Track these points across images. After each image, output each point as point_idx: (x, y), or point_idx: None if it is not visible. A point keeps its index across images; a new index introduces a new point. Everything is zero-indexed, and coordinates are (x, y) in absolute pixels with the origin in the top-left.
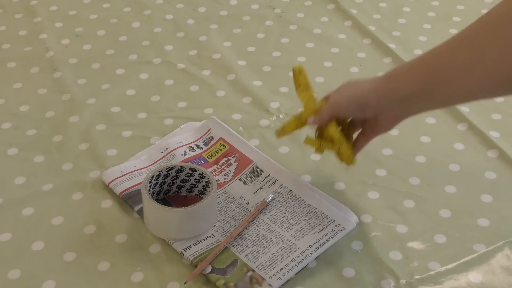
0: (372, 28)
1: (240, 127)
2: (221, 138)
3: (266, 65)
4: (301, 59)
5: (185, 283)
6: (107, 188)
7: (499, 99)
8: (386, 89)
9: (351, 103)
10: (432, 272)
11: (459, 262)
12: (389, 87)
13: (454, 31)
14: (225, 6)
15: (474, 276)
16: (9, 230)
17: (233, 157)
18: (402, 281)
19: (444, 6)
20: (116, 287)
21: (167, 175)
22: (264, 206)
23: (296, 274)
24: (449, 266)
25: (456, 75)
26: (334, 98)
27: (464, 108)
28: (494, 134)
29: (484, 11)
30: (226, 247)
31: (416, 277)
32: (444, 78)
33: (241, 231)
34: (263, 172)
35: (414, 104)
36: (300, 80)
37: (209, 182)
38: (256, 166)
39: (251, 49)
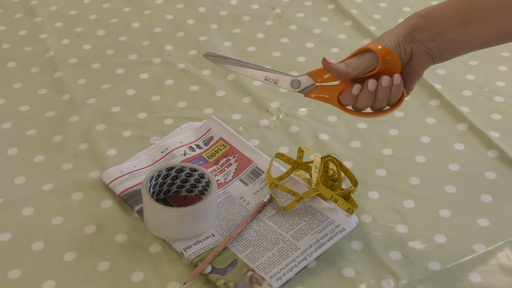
0: (372, 28)
1: (240, 127)
2: (221, 138)
3: (266, 65)
4: (301, 59)
5: (184, 283)
6: (107, 188)
7: (499, 99)
8: (423, 23)
9: (391, 40)
10: (432, 272)
11: (459, 262)
12: (426, 21)
13: None
14: (225, 6)
15: (474, 276)
16: (9, 230)
17: (233, 157)
18: (402, 281)
19: None
20: (116, 287)
21: (167, 175)
22: (262, 207)
23: (296, 274)
24: (449, 266)
25: (499, 12)
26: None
27: (464, 108)
28: (494, 134)
29: None
30: (226, 247)
31: (416, 277)
32: (487, 14)
33: (240, 232)
34: (263, 172)
35: (450, 42)
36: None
37: (209, 182)
38: (256, 167)
39: (251, 49)
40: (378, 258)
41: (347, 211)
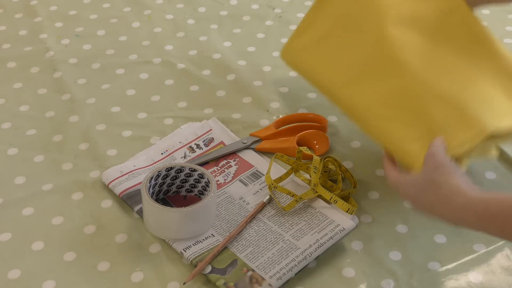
0: None
1: (240, 127)
2: (221, 142)
3: (266, 65)
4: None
5: (184, 283)
6: (107, 188)
7: None
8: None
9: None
10: (432, 272)
11: (459, 262)
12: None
13: None
14: (225, 6)
15: (474, 276)
16: (9, 230)
17: (234, 161)
18: (402, 281)
19: None
20: (116, 287)
21: (166, 175)
22: (262, 208)
23: (296, 274)
24: (449, 266)
25: None
26: None
27: None
28: None
29: (485, 11)
30: (226, 247)
31: (416, 277)
32: None
33: (240, 232)
34: (263, 175)
35: None
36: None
37: (209, 182)
38: (257, 170)
39: (251, 49)
40: (378, 258)
41: (346, 212)
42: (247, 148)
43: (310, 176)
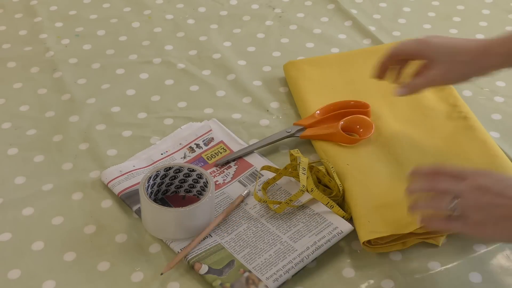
0: (372, 28)
1: (240, 127)
2: (221, 141)
3: (266, 65)
4: (301, 58)
5: (161, 274)
6: (107, 188)
7: (499, 99)
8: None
9: (447, 47)
10: (432, 272)
11: (459, 262)
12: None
13: (454, 31)
14: (225, 6)
15: (474, 276)
16: (9, 230)
17: (233, 160)
18: (402, 281)
19: (444, 6)
20: (116, 287)
21: (165, 175)
22: (240, 201)
23: (292, 276)
24: (449, 266)
25: None
26: (431, 38)
27: None
28: (494, 134)
29: (485, 11)
30: (223, 248)
31: (416, 277)
32: None
33: (224, 219)
34: (262, 176)
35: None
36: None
37: (207, 182)
38: (256, 170)
39: (251, 49)
40: (378, 258)
41: (342, 217)
42: (291, 136)
43: (299, 180)
